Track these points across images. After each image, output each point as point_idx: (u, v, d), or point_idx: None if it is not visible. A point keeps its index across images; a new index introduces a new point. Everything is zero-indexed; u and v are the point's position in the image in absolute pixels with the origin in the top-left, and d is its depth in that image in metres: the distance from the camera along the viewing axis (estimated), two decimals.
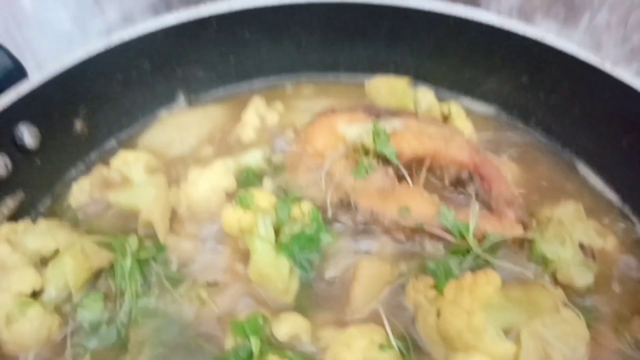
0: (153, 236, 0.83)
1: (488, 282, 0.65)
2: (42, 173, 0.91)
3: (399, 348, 0.67)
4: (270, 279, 0.75)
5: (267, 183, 0.90)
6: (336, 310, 0.74)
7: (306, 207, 0.82)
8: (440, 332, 0.67)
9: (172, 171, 0.95)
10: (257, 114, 1.05)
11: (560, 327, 0.68)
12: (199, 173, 0.88)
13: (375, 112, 0.96)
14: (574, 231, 0.78)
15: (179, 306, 0.75)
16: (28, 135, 0.87)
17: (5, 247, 0.77)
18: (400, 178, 0.88)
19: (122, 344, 0.72)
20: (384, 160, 0.90)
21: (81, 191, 0.91)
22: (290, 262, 0.77)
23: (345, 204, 0.86)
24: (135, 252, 0.78)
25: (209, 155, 0.99)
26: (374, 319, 0.72)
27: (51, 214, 0.91)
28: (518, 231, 0.80)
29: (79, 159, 0.99)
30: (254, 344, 0.67)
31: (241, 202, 0.77)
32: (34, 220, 0.85)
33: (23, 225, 0.81)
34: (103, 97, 1.00)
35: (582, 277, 0.75)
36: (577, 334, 0.68)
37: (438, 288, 0.71)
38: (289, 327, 0.70)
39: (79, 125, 0.97)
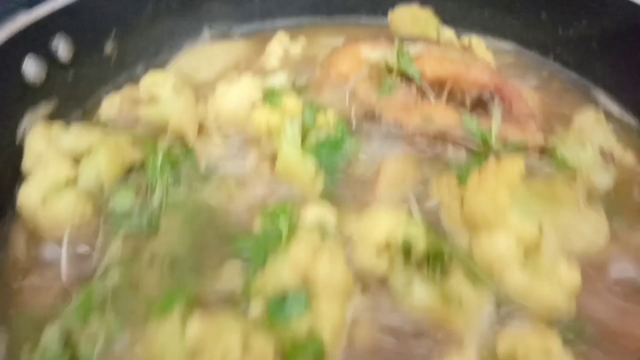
0: (181, 145, 0.86)
1: (512, 165, 0.66)
2: (74, 87, 0.94)
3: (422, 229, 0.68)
4: (296, 175, 0.77)
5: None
6: (362, 201, 0.76)
7: (331, 115, 0.84)
8: (464, 215, 0.68)
9: (200, 93, 0.97)
10: (281, 45, 1.08)
11: (581, 218, 0.70)
12: (227, 86, 0.90)
13: (398, 39, 0.98)
14: (594, 135, 0.80)
15: (208, 199, 0.77)
16: (63, 46, 0.90)
17: (41, 141, 0.80)
18: (423, 97, 0.91)
19: (152, 231, 0.74)
20: (407, 80, 0.92)
21: (111, 105, 0.94)
22: (316, 165, 0.79)
23: (369, 116, 0.88)
24: (166, 150, 0.81)
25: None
26: (398, 207, 0.73)
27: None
28: (539, 138, 0.82)
29: (109, 79, 1.01)
30: (283, 225, 0.69)
31: (270, 100, 0.80)
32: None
33: (57, 125, 0.83)
34: (133, 23, 1.03)
35: (602, 179, 0.77)
36: (597, 224, 0.70)
37: (461, 181, 0.73)
38: (315, 213, 0.72)
39: (109, 46, 1.00)
